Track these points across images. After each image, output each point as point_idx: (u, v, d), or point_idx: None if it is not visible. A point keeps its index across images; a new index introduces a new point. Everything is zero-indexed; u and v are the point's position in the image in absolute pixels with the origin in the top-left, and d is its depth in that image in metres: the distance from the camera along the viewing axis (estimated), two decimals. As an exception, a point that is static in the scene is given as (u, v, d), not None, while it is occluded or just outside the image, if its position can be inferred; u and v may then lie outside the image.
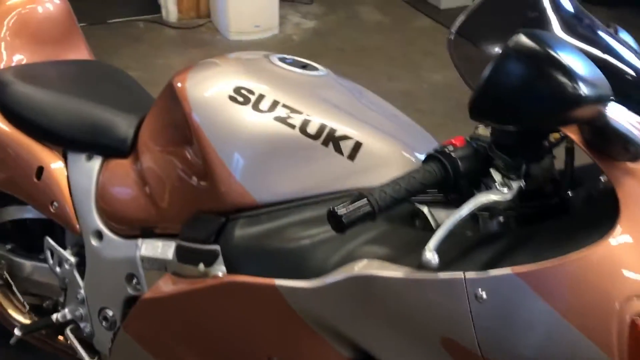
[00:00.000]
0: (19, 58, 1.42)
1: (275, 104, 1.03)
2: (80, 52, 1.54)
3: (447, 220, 0.74)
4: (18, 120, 1.33)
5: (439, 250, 0.73)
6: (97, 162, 1.30)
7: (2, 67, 1.40)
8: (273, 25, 4.02)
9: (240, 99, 1.04)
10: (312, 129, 1.00)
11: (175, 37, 4.02)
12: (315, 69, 1.16)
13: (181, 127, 1.11)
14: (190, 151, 1.10)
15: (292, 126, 1.01)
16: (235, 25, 3.89)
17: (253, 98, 1.03)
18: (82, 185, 1.30)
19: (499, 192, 0.76)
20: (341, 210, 0.74)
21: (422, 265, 0.73)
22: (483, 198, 0.76)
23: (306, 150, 1.01)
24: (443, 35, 3.94)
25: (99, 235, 1.29)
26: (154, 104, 1.25)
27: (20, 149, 1.33)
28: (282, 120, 1.01)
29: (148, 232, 1.23)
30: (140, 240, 1.23)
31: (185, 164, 1.12)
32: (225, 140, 1.04)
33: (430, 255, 0.71)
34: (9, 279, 1.43)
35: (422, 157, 1.01)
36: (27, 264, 1.45)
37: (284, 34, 4.08)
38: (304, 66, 1.16)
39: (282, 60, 1.16)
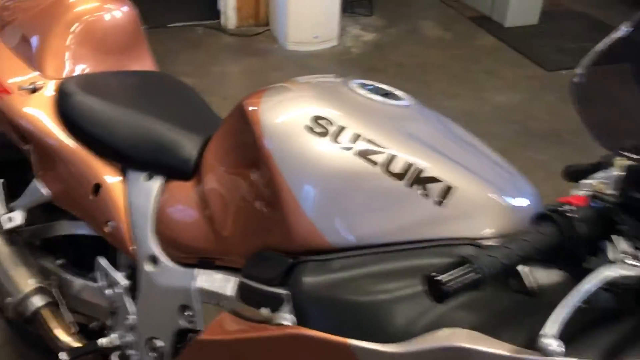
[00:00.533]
0: (82, 67, 1.36)
1: (356, 137, 0.93)
2: (145, 63, 1.48)
3: (567, 298, 0.63)
4: (78, 132, 1.27)
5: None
6: (157, 182, 1.22)
7: (64, 76, 1.34)
8: (332, 36, 3.95)
9: (318, 129, 0.94)
10: (396, 167, 0.90)
11: (233, 44, 3.98)
12: (399, 97, 1.06)
13: (251, 154, 1.02)
14: (259, 180, 1.01)
15: (374, 163, 0.91)
16: (294, 35, 3.83)
17: (332, 129, 0.94)
18: (140, 206, 1.23)
19: (632, 267, 0.64)
20: (443, 277, 0.63)
21: (536, 348, 0.62)
22: (611, 272, 0.65)
23: (388, 191, 0.90)
24: (507, 55, 3.85)
25: (154, 260, 1.22)
26: (221, 125, 1.18)
27: (79, 162, 1.27)
28: (363, 155, 0.91)
29: (206, 263, 1.15)
30: (197, 271, 1.15)
31: (252, 193, 1.04)
32: (298, 172, 0.94)
33: (554, 343, 0.60)
34: (59, 296, 1.37)
35: (521, 208, 0.91)
36: (77, 282, 1.39)
37: (343, 46, 4.00)
38: (386, 94, 1.06)
39: (362, 86, 1.06)
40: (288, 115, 0.98)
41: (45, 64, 1.35)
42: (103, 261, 1.31)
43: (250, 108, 1.03)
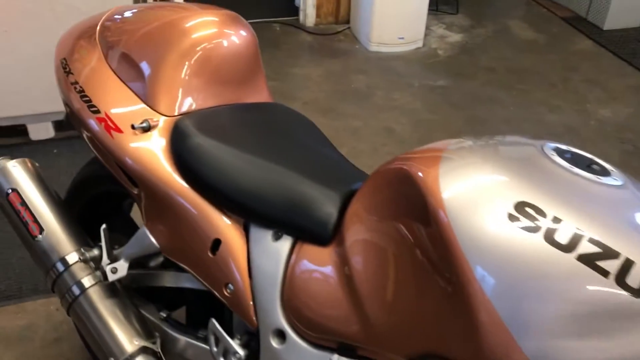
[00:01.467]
0: (197, 101, 1.19)
1: (577, 237, 0.72)
2: (262, 94, 1.31)
3: None
4: (195, 179, 1.11)
5: None
6: (286, 243, 1.05)
7: (179, 111, 1.18)
8: (418, 37, 3.71)
9: (525, 221, 0.74)
10: (634, 280, 0.70)
11: (312, 43, 3.79)
12: (607, 171, 0.85)
13: (419, 229, 0.83)
14: (432, 265, 0.82)
15: (605, 273, 0.70)
16: (378, 36, 3.61)
17: (545, 223, 0.74)
18: (266, 270, 1.06)
19: None
20: None
21: None
22: None
23: (622, 310, 0.70)
24: (608, 61, 3.52)
25: (281, 335, 1.05)
26: (367, 182, 0.99)
27: (195, 213, 1.11)
28: (589, 262, 0.71)
29: (347, 348, 0.98)
30: (336, 357, 0.98)
31: (420, 280, 0.85)
32: (498, 275, 0.75)
33: None
34: (162, 356, 1.23)
35: None
36: (183, 340, 1.24)
37: (428, 48, 3.76)
38: (590, 165, 0.85)
39: (560, 154, 0.85)
40: (483, 196, 0.78)
41: (158, 97, 1.18)
42: (218, 325, 1.15)
43: (422, 175, 0.83)
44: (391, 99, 3.17)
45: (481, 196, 0.78)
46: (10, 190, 1.34)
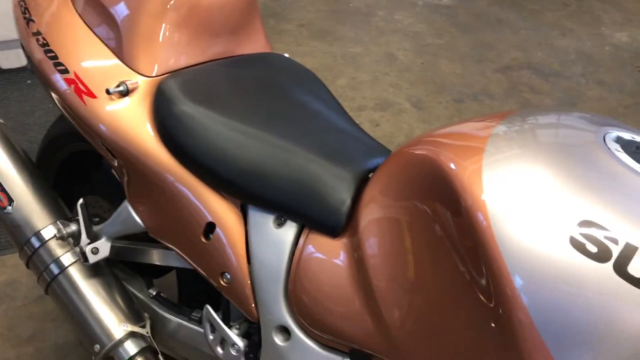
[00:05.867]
0: (183, 56, 1.01)
1: (658, 269, 0.59)
2: (259, 43, 1.12)
3: None
4: (183, 154, 0.95)
5: None
6: (291, 231, 0.91)
7: (163, 71, 0.99)
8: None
9: (591, 246, 0.61)
10: None
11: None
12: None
13: (453, 231, 0.71)
14: (469, 277, 0.70)
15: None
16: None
17: (616, 250, 0.60)
18: (267, 260, 0.93)
19: None
20: None
21: None
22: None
23: None
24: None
25: (285, 332, 0.94)
26: (387, 164, 0.84)
27: (185, 193, 0.96)
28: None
29: (358, 355, 0.87)
30: (347, 360, 0.87)
31: (453, 292, 0.73)
32: (555, 313, 0.62)
33: None
34: (152, 341, 1.12)
35: None
36: (174, 321, 1.13)
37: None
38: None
39: (625, 146, 0.71)
40: (537, 211, 0.64)
41: (136, 53, 1.00)
42: (213, 313, 1.03)
43: (459, 172, 0.69)
44: (393, 21, 2.94)
45: (535, 207, 0.64)
46: (-29, 155, 1.17)
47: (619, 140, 0.72)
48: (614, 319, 0.60)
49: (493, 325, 0.66)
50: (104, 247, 1.08)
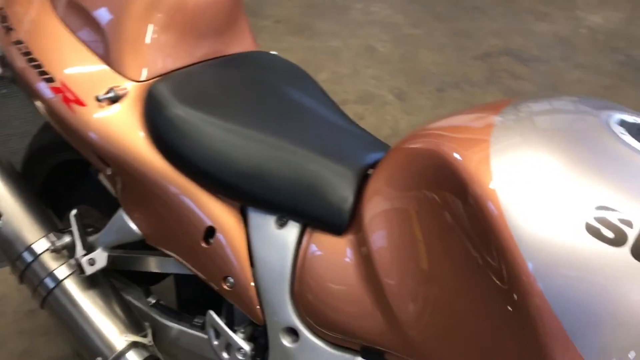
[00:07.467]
0: (171, 59, 0.99)
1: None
2: (245, 42, 1.10)
3: None
4: (179, 158, 0.93)
5: None
6: (293, 231, 0.90)
7: (151, 75, 0.97)
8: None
9: (607, 231, 0.61)
10: None
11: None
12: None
13: (462, 221, 0.70)
14: (481, 270, 0.69)
15: None
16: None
17: (631, 234, 0.60)
18: (270, 262, 0.91)
19: None
20: None
21: None
22: None
23: None
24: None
25: (293, 333, 0.92)
26: (385, 163, 0.83)
27: (183, 199, 0.94)
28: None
29: (370, 352, 0.86)
30: (359, 360, 0.86)
31: (466, 289, 0.72)
32: (568, 293, 0.62)
33: None
34: (155, 350, 1.09)
35: None
36: (175, 328, 1.11)
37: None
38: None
39: (629, 129, 0.71)
40: (550, 198, 0.64)
41: (123, 58, 0.97)
42: (217, 319, 1.02)
43: (465, 164, 0.68)
44: (370, 13, 2.94)
45: (549, 194, 0.64)
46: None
47: (622, 123, 0.72)
48: (632, 301, 0.60)
49: (510, 309, 0.66)
50: (100, 257, 1.06)
